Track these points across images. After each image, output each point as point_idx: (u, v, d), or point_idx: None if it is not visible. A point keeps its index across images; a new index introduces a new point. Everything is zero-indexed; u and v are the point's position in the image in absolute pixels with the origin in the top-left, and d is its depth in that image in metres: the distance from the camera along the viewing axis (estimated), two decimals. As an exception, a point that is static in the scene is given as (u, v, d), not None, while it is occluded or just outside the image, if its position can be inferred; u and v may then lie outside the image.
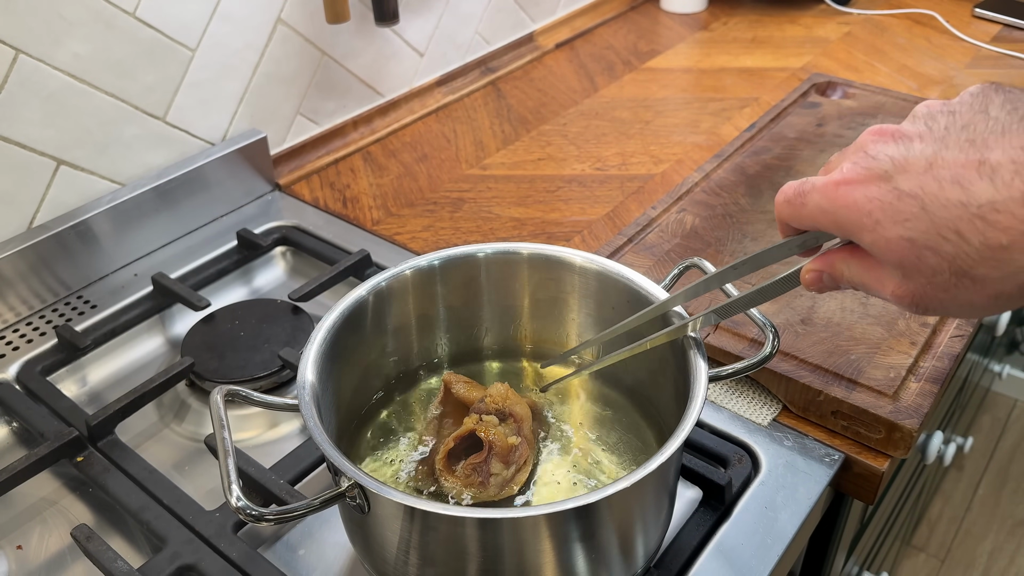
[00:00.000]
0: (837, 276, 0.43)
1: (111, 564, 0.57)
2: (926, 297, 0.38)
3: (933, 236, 0.36)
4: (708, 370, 0.52)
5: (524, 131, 1.12)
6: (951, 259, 0.36)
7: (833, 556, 0.80)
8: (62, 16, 0.79)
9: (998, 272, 0.36)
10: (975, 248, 0.35)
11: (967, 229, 0.35)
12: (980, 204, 0.35)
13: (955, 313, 0.39)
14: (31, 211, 0.83)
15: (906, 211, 0.37)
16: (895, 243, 0.37)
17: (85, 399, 0.77)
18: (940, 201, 0.36)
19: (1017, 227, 0.34)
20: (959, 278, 0.37)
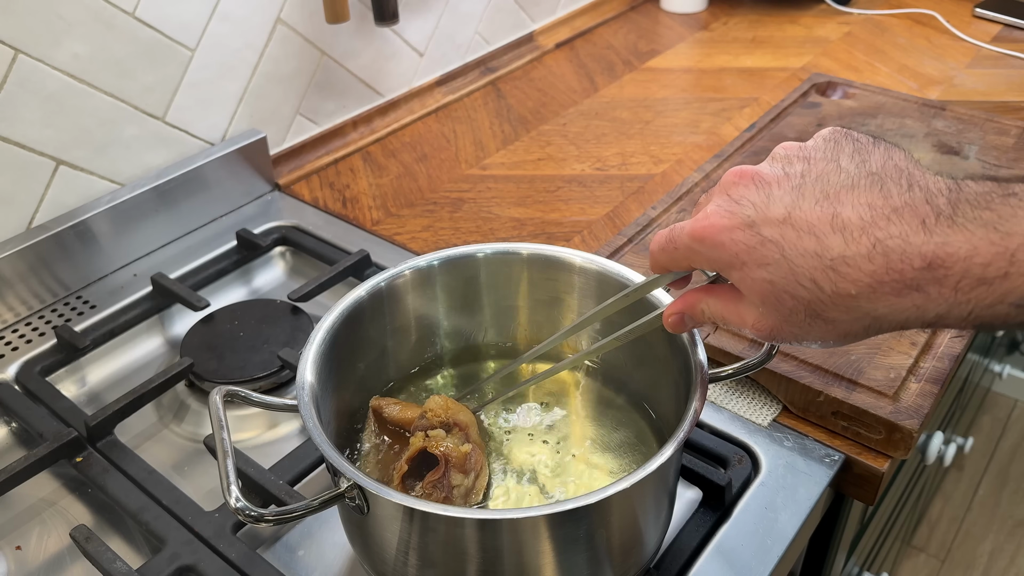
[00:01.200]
0: (697, 315, 0.48)
1: (110, 565, 0.56)
2: (782, 332, 0.43)
3: (791, 282, 0.40)
4: (708, 371, 0.52)
5: (524, 131, 1.12)
6: (807, 303, 0.40)
7: (833, 557, 0.80)
8: (61, 16, 0.79)
9: (847, 316, 0.40)
10: (828, 295, 0.40)
11: (821, 278, 0.40)
12: (832, 257, 0.39)
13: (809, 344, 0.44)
14: (30, 211, 0.83)
15: (768, 256, 0.41)
16: (759, 284, 0.42)
17: (84, 399, 0.77)
18: (798, 250, 0.40)
19: (864, 280, 0.39)
20: (813, 319, 0.41)
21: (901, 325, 0.40)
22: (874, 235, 0.38)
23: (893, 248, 0.38)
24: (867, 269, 0.38)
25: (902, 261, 0.38)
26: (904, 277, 0.38)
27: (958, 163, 0.95)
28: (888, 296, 0.39)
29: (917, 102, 1.08)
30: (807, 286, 0.40)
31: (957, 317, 0.38)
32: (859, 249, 0.39)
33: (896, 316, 0.39)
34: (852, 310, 0.40)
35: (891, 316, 0.39)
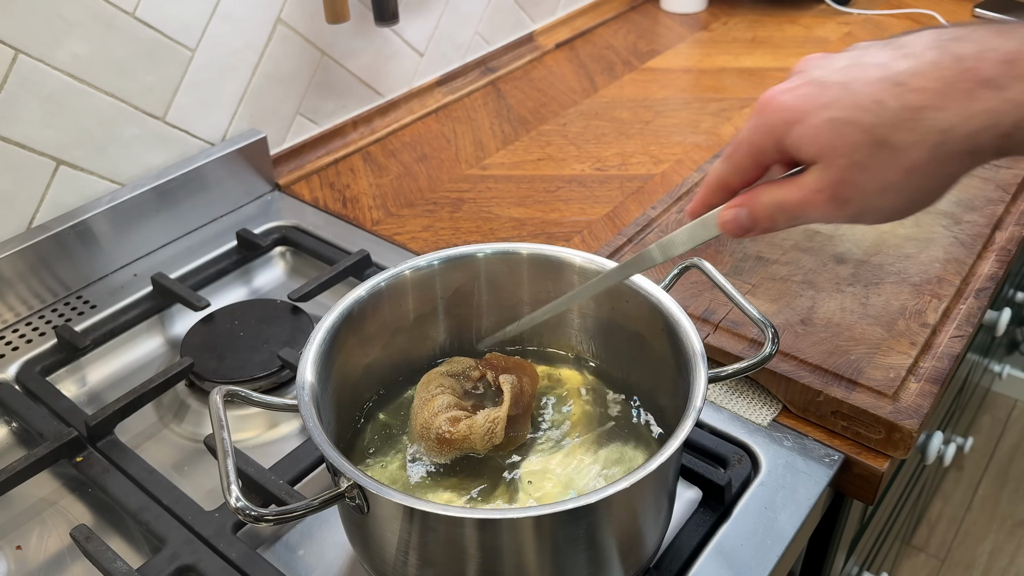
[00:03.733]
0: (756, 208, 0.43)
1: (110, 564, 0.57)
2: (846, 182, 0.39)
3: (854, 110, 0.38)
4: (708, 370, 0.52)
5: (524, 131, 1.12)
6: (869, 128, 0.38)
7: (833, 556, 0.80)
8: (62, 16, 0.79)
9: (912, 136, 0.37)
10: (892, 112, 0.37)
11: (886, 96, 0.37)
12: (899, 72, 0.37)
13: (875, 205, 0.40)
14: (30, 211, 0.83)
15: (830, 95, 0.39)
16: (819, 127, 0.39)
17: (84, 399, 0.77)
18: (863, 79, 0.38)
19: (932, 87, 0.36)
20: (878, 148, 0.38)
21: (973, 145, 0.36)
22: (943, 46, 0.37)
23: (965, 51, 0.36)
24: (935, 75, 0.36)
25: (976, 60, 0.35)
26: (978, 75, 0.35)
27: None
28: (959, 99, 0.36)
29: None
30: (871, 108, 0.38)
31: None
32: (926, 59, 0.37)
33: (967, 127, 0.36)
34: (919, 125, 0.37)
35: (961, 128, 0.36)
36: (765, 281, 0.78)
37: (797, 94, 0.40)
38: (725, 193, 0.46)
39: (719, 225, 0.45)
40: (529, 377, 0.61)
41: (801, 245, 0.82)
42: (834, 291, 0.76)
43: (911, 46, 0.38)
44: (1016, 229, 0.85)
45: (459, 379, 0.61)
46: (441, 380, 0.61)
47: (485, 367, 0.62)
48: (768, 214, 0.43)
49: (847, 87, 0.39)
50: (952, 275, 0.78)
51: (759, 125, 0.42)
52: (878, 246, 0.82)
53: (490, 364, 0.62)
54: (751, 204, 0.43)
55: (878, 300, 0.75)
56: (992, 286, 0.77)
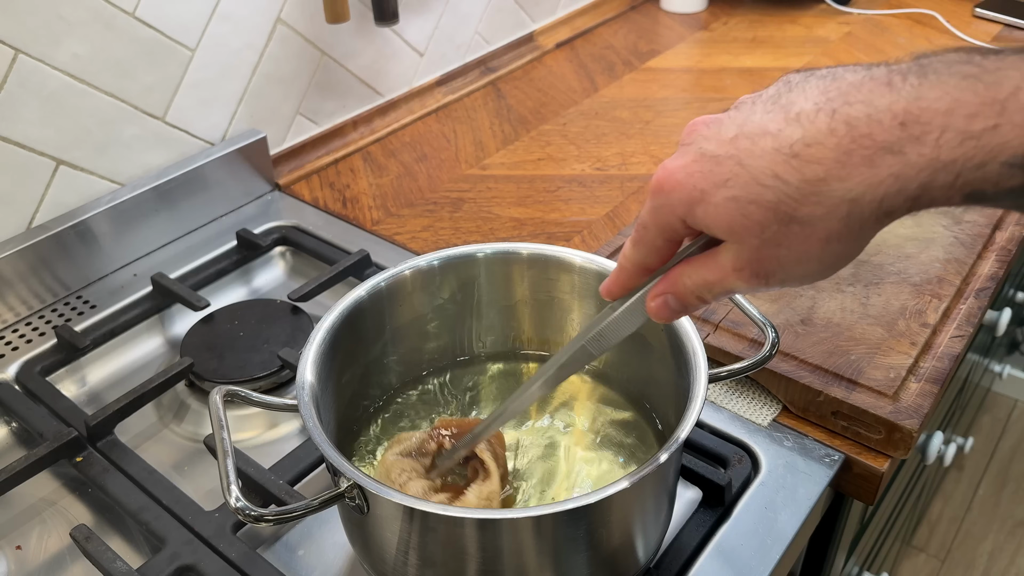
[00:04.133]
0: (680, 291, 0.43)
1: (110, 564, 0.56)
2: (763, 259, 0.38)
3: (754, 187, 0.37)
4: (708, 370, 0.52)
5: (524, 131, 1.12)
6: (774, 206, 0.36)
7: (833, 556, 0.80)
8: (61, 16, 0.79)
9: (821, 209, 0.36)
10: (795, 187, 0.36)
11: (784, 170, 0.36)
12: (792, 143, 0.36)
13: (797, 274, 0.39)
14: (30, 211, 0.83)
15: (726, 172, 0.38)
16: (722, 207, 0.38)
17: (84, 399, 0.77)
18: (755, 153, 0.37)
19: (829, 155, 0.35)
20: (787, 225, 0.37)
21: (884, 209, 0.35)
22: (833, 109, 0.35)
23: (856, 115, 0.34)
24: (831, 144, 0.35)
25: (869, 125, 0.34)
26: (875, 141, 0.34)
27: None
28: (860, 168, 0.34)
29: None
30: (770, 184, 0.36)
31: (944, 185, 0.33)
32: (819, 127, 0.35)
33: (874, 194, 0.35)
34: (824, 198, 0.35)
35: (869, 195, 0.35)
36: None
37: (691, 171, 0.39)
38: (645, 274, 0.45)
39: (651, 314, 0.45)
40: (495, 437, 0.57)
41: (801, 245, 0.82)
42: (834, 291, 0.76)
43: (798, 107, 0.36)
44: (1016, 229, 0.85)
45: (415, 457, 0.56)
46: (401, 465, 0.55)
47: (439, 437, 0.57)
48: (695, 295, 0.42)
49: (741, 163, 0.37)
50: (952, 275, 0.78)
51: (662, 206, 0.41)
52: (878, 246, 0.82)
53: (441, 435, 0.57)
54: (675, 290, 0.43)
55: (878, 300, 0.75)
56: (992, 286, 0.77)
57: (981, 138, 0.32)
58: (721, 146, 0.38)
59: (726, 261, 0.40)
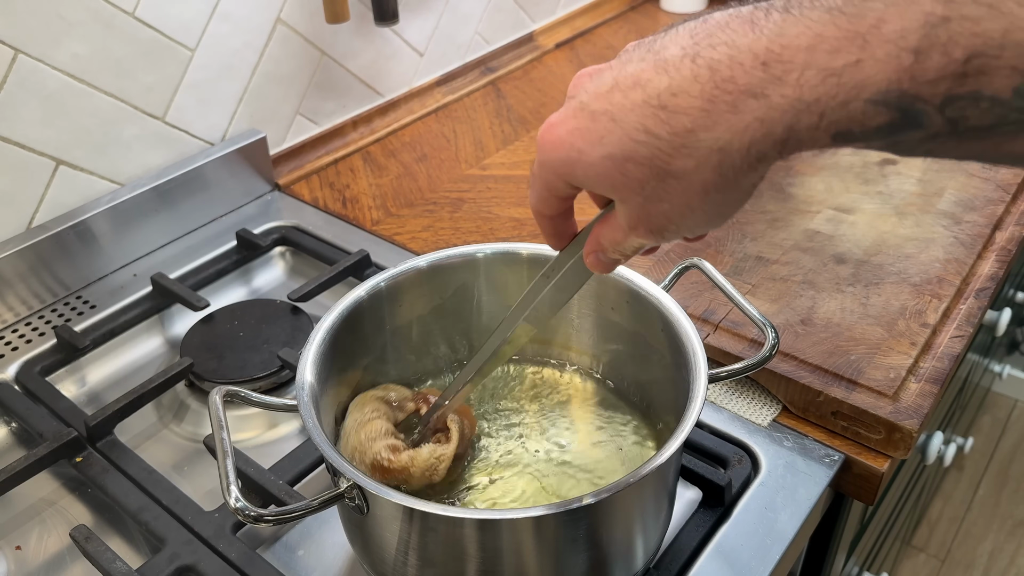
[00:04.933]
0: (603, 247, 0.44)
1: (110, 565, 0.56)
2: (650, 215, 0.38)
3: (628, 144, 0.36)
4: (708, 370, 0.52)
5: (524, 131, 1.12)
6: (648, 161, 0.36)
7: (833, 557, 0.80)
8: (61, 16, 0.79)
9: (692, 161, 0.35)
10: (666, 141, 0.35)
11: (653, 124, 0.35)
12: (659, 94, 0.35)
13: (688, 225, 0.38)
14: (30, 211, 0.83)
15: (601, 129, 0.37)
16: (599, 165, 0.37)
17: (84, 399, 0.77)
18: (626, 107, 0.36)
19: (695, 105, 0.34)
20: (663, 180, 0.36)
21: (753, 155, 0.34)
22: (696, 53, 0.34)
23: (719, 58, 0.33)
24: (695, 92, 0.34)
25: (731, 67, 0.33)
26: (737, 85, 0.33)
27: (958, 163, 0.95)
28: (725, 115, 0.33)
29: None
30: (643, 139, 0.36)
31: (809, 126, 0.32)
32: (683, 75, 0.34)
33: (741, 140, 0.34)
34: (694, 150, 0.35)
35: (736, 142, 0.34)
36: (765, 281, 0.78)
37: (570, 128, 0.38)
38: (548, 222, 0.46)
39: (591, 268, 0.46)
40: (469, 421, 0.59)
41: (801, 245, 0.82)
42: (834, 291, 0.76)
43: (666, 52, 0.35)
44: (1016, 229, 0.85)
45: (392, 407, 0.59)
46: (376, 404, 0.58)
47: (421, 401, 0.60)
48: (615, 251, 0.43)
49: (615, 118, 0.36)
50: (952, 275, 0.78)
51: (544, 163, 0.41)
52: (878, 246, 0.82)
53: (425, 399, 0.60)
54: (600, 247, 0.44)
55: (878, 300, 0.75)
56: (992, 286, 0.77)
57: (843, 75, 0.31)
58: (598, 100, 0.37)
59: (621, 220, 0.40)
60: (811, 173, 0.94)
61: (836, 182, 0.92)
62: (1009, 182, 0.91)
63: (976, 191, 0.90)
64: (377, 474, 0.54)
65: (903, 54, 0.29)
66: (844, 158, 0.96)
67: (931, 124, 0.31)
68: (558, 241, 0.48)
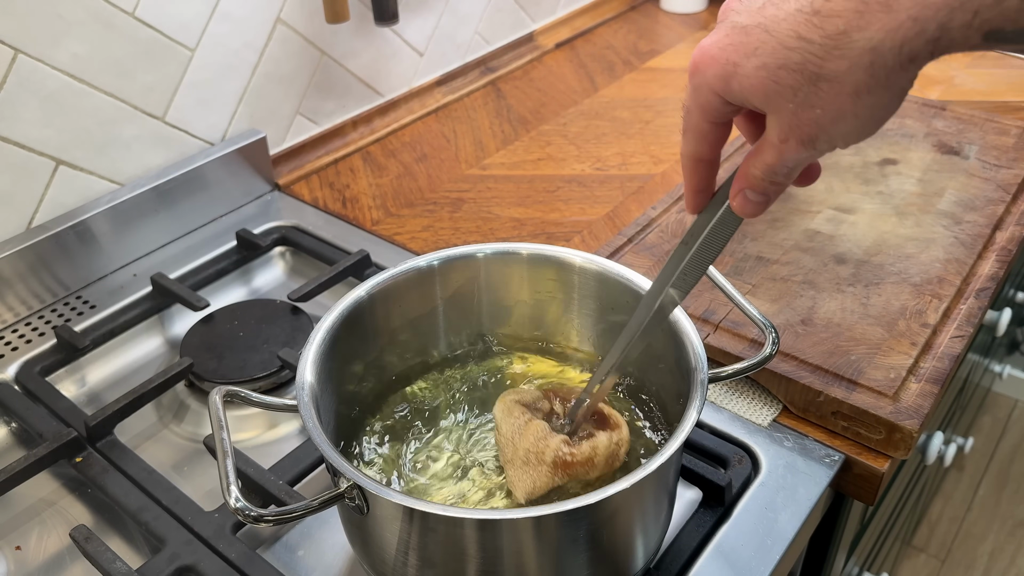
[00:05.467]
0: (752, 181, 0.43)
1: (110, 565, 0.56)
2: (802, 123, 0.39)
3: (780, 52, 0.37)
4: (708, 371, 0.52)
5: (524, 131, 1.12)
6: (801, 67, 0.37)
7: (833, 557, 0.80)
8: (61, 16, 0.79)
9: (844, 63, 0.36)
10: (818, 44, 0.36)
11: (806, 30, 0.36)
12: (812, 1, 0.36)
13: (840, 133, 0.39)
14: (30, 211, 0.83)
15: (754, 41, 0.38)
16: (754, 77, 0.39)
17: (84, 399, 0.77)
18: (779, 17, 0.38)
19: (849, 7, 0.35)
20: (816, 84, 0.37)
21: (905, 54, 0.35)
22: None
23: None
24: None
25: None
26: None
27: (958, 163, 0.95)
28: (878, 15, 0.35)
29: (917, 102, 1.08)
30: (795, 46, 0.37)
31: (962, 24, 0.33)
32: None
33: (894, 39, 0.35)
34: (847, 51, 0.36)
35: (889, 42, 0.35)
36: (765, 281, 0.78)
37: (723, 46, 0.40)
38: (704, 167, 0.46)
39: (739, 212, 0.45)
40: None
41: (801, 245, 0.82)
42: (834, 291, 0.76)
43: None
44: (1016, 229, 0.85)
45: (532, 408, 0.58)
46: (521, 408, 0.57)
47: (551, 396, 0.59)
48: (767, 181, 0.43)
49: (768, 30, 0.38)
50: (952, 275, 0.78)
51: (699, 86, 0.42)
52: (878, 246, 0.82)
53: (556, 394, 0.59)
54: (748, 182, 0.43)
55: (878, 300, 0.75)
56: (992, 286, 0.77)
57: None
58: (751, 16, 0.39)
59: (772, 135, 0.40)
60: (811, 173, 0.94)
61: (836, 182, 0.92)
62: (1009, 182, 0.91)
63: (976, 191, 0.90)
64: (559, 471, 0.54)
65: None
66: (844, 158, 0.96)
67: None
68: (701, 198, 0.47)
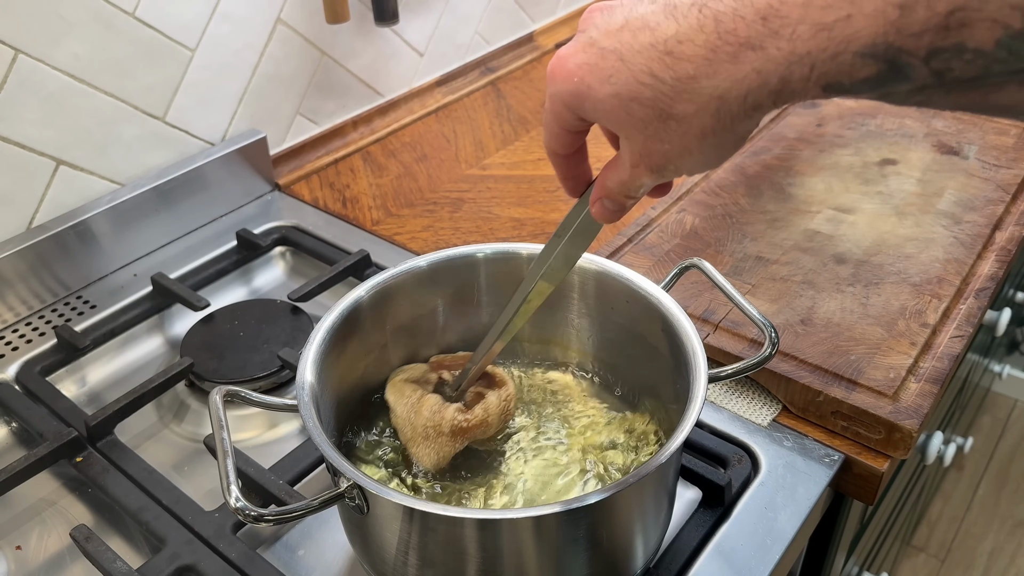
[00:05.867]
0: (609, 191, 0.45)
1: (110, 565, 0.56)
2: (652, 153, 0.40)
3: (633, 85, 0.38)
4: (708, 370, 0.52)
5: (524, 131, 1.12)
6: (652, 103, 0.38)
7: (833, 556, 0.80)
8: (61, 16, 0.79)
9: (693, 106, 0.37)
10: (669, 85, 0.37)
11: (658, 68, 0.37)
12: (666, 40, 0.37)
13: (686, 166, 0.40)
14: (30, 211, 0.83)
15: (609, 67, 0.39)
16: (607, 102, 0.39)
17: (84, 399, 0.77)
18: (634, 48, 0.38)
19: (699, 53, 0.36)
20: (665, 122, 0.38)
21: (749, 103, 0.36)
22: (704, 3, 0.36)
23: (723, 11, 0.36)
24: (700, 41, 0.36)
25: (734, 20, 0.35)
26: (738, 37, 0.35)
27: (958, 163, 0.95)
28: (725, 65, 0.36)
29: (917, 102, 1.07)
30: (648, 82, 0.38)
31: (800, 78, 0.34)
32: (689, 23, 0.36)
33: (739, 89, 0.36)
34: (695, 96, 0.37)
35: (735, 91, 0.36)
36: (765, 281, 0.78)
37: (579, 62, 0.40)
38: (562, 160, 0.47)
39: (597, 218, 0.47)
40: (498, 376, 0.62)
41: (801, 245, 0.82)
42: (834, 291, 0.76)
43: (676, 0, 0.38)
44: (1016, 229, 0.85)
45: (422, 383, 0.61)
46: (412, 385, 0.61)
47: (440, 369, 0.62)
48: (622, 193, 0.45)
49: (623, 58, 0.38)
50: (952, 275, 0.78)
51: (554, 95, 0.42)
52: (878, 246, 0.82)
53: (441, 364, 0.63)
54: (606, 192, 0.45)
55: (878, 300, 0.75)
56: (992, 286, 0.77)
57: (833, 29, 0.33)
58: (608, 37, 0.39)
59: (625, 158, 0.42)
60: (811, 173, 0.94)
61: (836, 182, 0.92)
62: (1009, 182, 0.91)
63: (976, 191, 0.90)
64: (458, 437, 0.57)
65: (889, 8, 0.31)
66: (844, 158, 0.97)
67: (917, 76, 0.32)
68: (573, 185, 0.49)
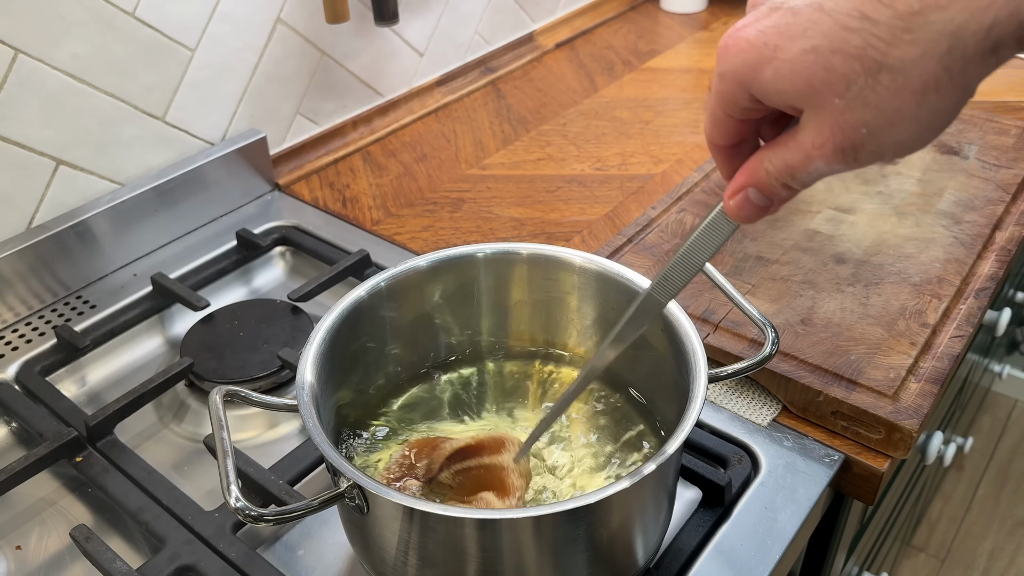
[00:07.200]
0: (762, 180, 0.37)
1: (110, 564, 0.56)
2: (847, 126, 0.33)
3: (837, 32, 0.31)
4: (708, 370, 0.52)
5: (524, 131, 1.12)
6: (860, 52, 0.31)
7: (833, 556, 0.80)
8: (61, 16, 0.79)
9: (917, 48, 0.30)
10: (885, 26, 0.30)
11: (871, 7, 0.30)
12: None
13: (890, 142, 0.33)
14: (30, 211, 0.83)
15: (803, 21, 0.32)
16: (798, 63, 0.32)
17: (84, 399, 0.77)
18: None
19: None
20: (875, 76, 0.31)
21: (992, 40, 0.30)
22: None
23: None
24: None
25: None
26: None
27: (958, 163, 0.95)
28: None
29: (917, 102, 1.07)
30: (856, 26, 0.30)
31: None
32: None
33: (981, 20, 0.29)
34: (920, 34, 0.30)
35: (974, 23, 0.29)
36: (765, 281, 0.78)
37: (761, 28, 0.33)
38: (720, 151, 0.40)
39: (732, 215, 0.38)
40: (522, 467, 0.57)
41: (801, 245, 0.82)
42: (834, 291, 0.76)
43: None
44: (1016, 229, 0.85)
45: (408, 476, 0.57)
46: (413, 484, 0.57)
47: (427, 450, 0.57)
48: (780, 183, 0.36)
49: (823, 8, 0.31)
50: (952, 275, 0.78)
51: (723, 74, 0.35)
52: (878, 246, 0.82)
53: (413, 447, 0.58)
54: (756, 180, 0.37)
55: (878, 300, 0.75)
56: (992, 286, 0.77)
57: None
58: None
59: (807, 136, 0.34)
60: (811, 173, 0.94)
61: (836, 182, 0.92)
62: (1009, 182, 0.91)
63: (976, 191, 0.90)
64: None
65: None
66: (844, 158, 0.96)
67: None
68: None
